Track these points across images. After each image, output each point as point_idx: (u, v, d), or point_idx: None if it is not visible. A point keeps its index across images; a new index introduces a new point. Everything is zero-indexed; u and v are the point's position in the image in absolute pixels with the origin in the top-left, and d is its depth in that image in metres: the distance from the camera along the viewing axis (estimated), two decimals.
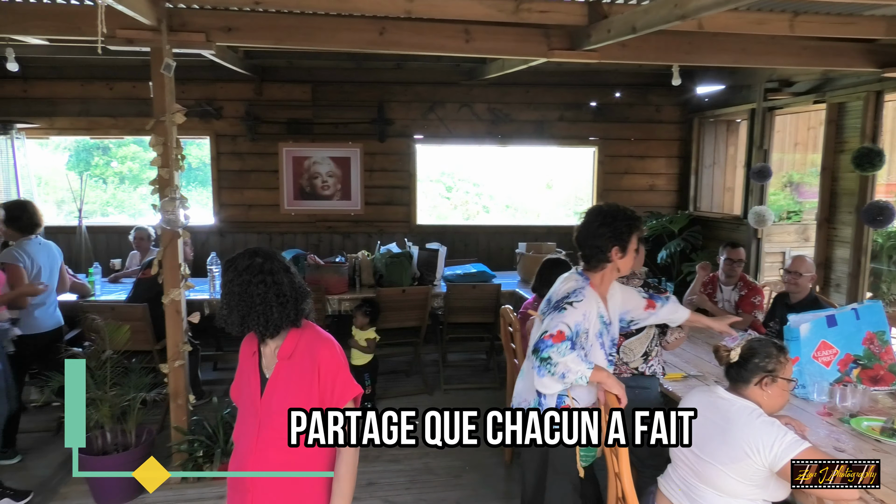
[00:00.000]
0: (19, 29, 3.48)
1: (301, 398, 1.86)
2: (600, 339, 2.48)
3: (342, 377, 1.90)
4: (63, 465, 4.01)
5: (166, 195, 3.60)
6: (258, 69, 6.30)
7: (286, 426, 1.85)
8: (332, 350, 1.92)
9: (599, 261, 2.46)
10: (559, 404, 2.46)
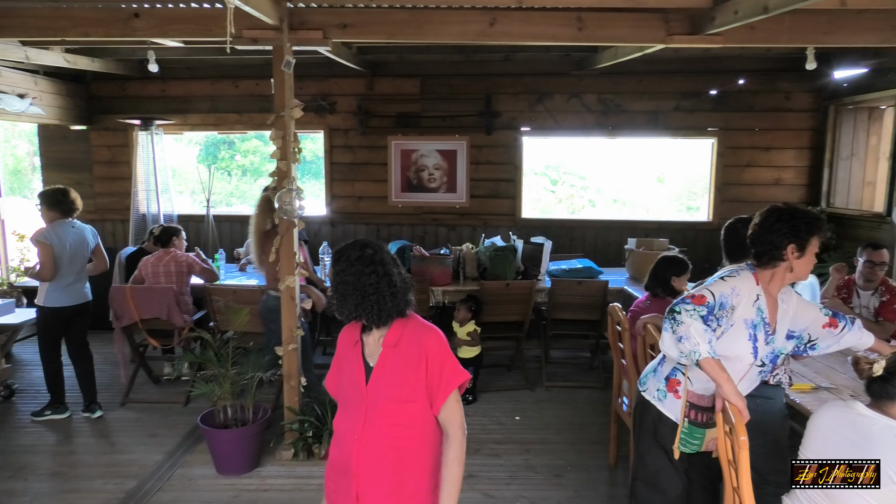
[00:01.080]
0: (160, 32, 3.78)
1: (408, 385, 1.89)
2: (751, 331, 2.31)
3: (450, 364, 1.93)
4: (190, 435, 4.34)
5: (284, 186, 3.77)
6: (370, 64, 6.47)
7: (393, 413, 1.89)
8: (438, 338, 1.95)
9: (772, 258, 2.31)
10: (671, 375, 2.44)
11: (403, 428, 1.89)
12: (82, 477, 3.81)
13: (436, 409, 1.91)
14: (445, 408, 1.92)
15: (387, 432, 1.89)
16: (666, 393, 2.44)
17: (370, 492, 1.90)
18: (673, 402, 2.42)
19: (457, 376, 1.93)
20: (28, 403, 4.93)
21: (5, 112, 5.91)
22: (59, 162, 7.16)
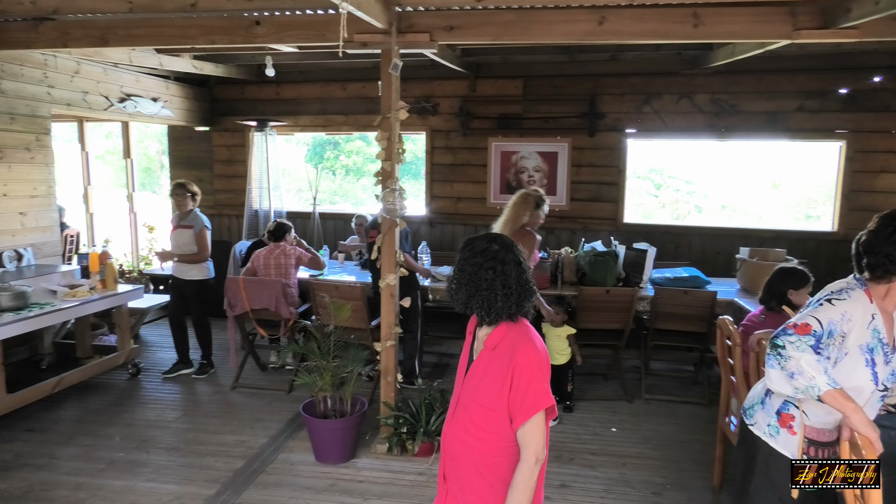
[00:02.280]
0: (277, 38, 3.99)
1: (491, 393, 1.87)
2: (867, 356, 2.09)
3: (536, 386, 1.83)
4: (292, 422, 4.55)
5: (388, 186, 3.86)
6: (473, 66, 6.50)
7: (474, 412, 1.90)
8: (531, 353, 1.86)
9: (887, 272, 2.08)
10: (783, 409, 2.20)
11: (481, 430, 1.89)
12: (196, 453, 4.09)
13: (514, 426, 1.86)
14: (524, 429, 1.84)
15: (468, 427, 1.91)
16: (778, 429, 2.21)
17: (452, 475, 1.98)
18: (787, 438, 2.18)
19: (540, 401, 1.83)
20: (152, 381, 5.36)
21: (141, 114, 6.48)
22: (185, 160, 7.75)
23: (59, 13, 3.89)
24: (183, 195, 5.33)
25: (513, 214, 4.47)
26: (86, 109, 5.92)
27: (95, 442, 4.21)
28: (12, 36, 4.19)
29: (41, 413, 4.63)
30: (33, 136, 5.40)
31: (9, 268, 5.16)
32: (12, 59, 5.11)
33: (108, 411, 4.74)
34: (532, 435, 1.83)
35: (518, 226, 4.43)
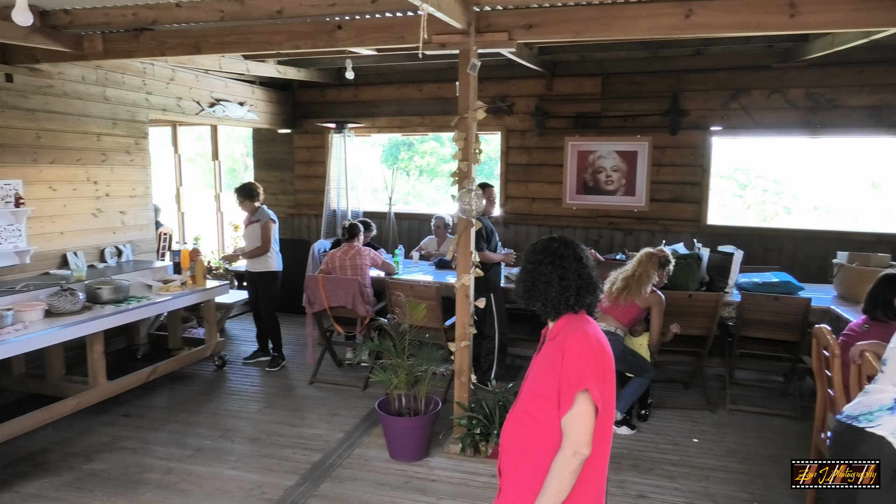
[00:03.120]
0: (358, 42, 4.07)
1: (544, 381, 1.88)
2: None
3: (580, 368, 1.80)
4: (366, 419, 4.63)
5: (464, 186, 3.86)
6: (550, 65, 6.41)
7: (528, 402, 1.91)
8: (579, 337, 1.86)
9: None
10: None
11: (533, 420, 1.88)
12: (276, 444, 4.23)
13: (560, 412, 1.82)
14: (567, 416, 1.80)
15: (521, 419, 1.92)
16: None
17: (505, 468, 1.98)
18: None
19: (581, 381, 1.78)
20: (236, 373, 5.61)
21: (229, 118, 6.79)
22: (268, 162, 8.06)
23: (158, 24, 4.12)
24: (241, 201, 5.57)
25: (640, 272, 4.39)
26: (179, 114, 6.26)
27: (185, 429, 4.44)
28: (116, 46, 4.48)
29: (137, 400, 4.93)
30: (133, 139, 5.77)
31: (110, 263, 5.54)
32: (115, 67, 5.48)
33: (196, 400, 4.99)
34: (572, 423, 1.78)
35: (648, 287, 4.37)
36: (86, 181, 5.35)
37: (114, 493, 3.59)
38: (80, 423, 4.46)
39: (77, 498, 3.52)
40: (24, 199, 4.76)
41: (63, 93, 5.10)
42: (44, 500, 3.49)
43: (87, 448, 4.14)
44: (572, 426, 1.79)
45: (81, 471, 3.85)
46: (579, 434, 1.78)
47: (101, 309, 4.44)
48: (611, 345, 1.96)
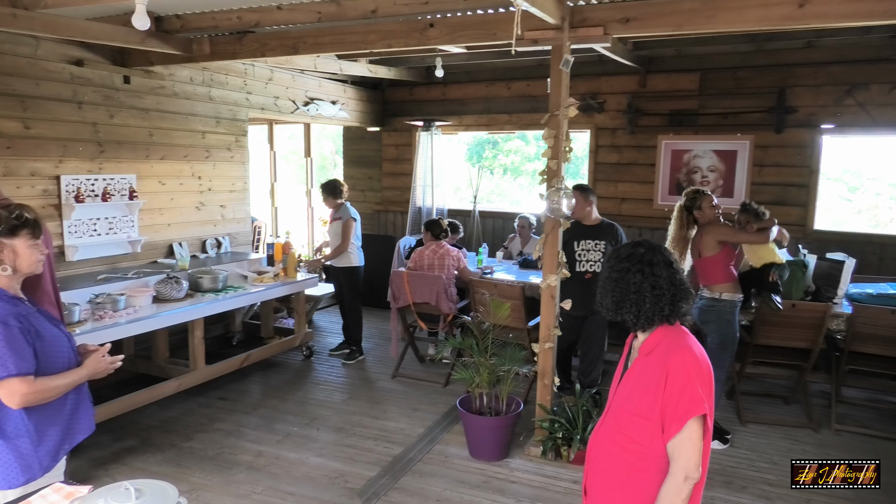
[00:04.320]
0: (450, 40, 4.08)
1: (643, 400, 1.77)
2: None
3: (690, 392, 1.71)
4: (447, 415, 4.65)
5: (553, 185, 3.79)
6: (644, 60, 6.18)
7: (623, 421, 1.82)
8: (687, 357, 1.75)
9: None
10: None
11: (629, 440, 1.79)
12: (358, 435, 4.33)
13: (666, 436, 1.74)
14: (674, 441, 1.72)
15: (614, 437, 1.83)
16: None
17: (594, 488, 1.90)
18: None
19: (693, 407, 1.70)
20: (322, 364, 5.79)
21: (322, 116, 7.02)
22: (357, 159, 8.27)
23: (260, 26, 4.30)
24: (325, 198, 5.74)
25: (673, 233, 4.27)
26: (276, 113, 6.53)
27: (274, 415, 4.63)
28: (222, 48, 4.73)
29: (231, 384, 5.19)
30: (233, 137, 6.08)
31: (210, 254, 5.86)
32: (220, 69, 5.79)
33: (285, 388, 5.19)
34: (683, 447, 1.71)
35: (682, 234, 4.20)
36: (191, 176, 5.69)
37: (210, 472, 3.80)
38: (181, 404, 4.74)
39: (177, 473, 3.74)
40: (136, 193, 5.13)
41: (173, 93, 5.45)
42: (148, 473, 3.73)
43: (186, 427, 4.40)
44: (682, 451, 1.71)
45: (181, 448, 4.10)
46: (690, 458, 1.70)
47: (201, 297, 4.71)
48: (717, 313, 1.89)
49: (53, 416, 2.14)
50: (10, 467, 2.05)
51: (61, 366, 2.13)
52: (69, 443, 2.20)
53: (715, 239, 4.06)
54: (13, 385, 1.97)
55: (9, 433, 2.05)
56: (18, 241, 2.06)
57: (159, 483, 1.75)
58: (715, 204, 4.16)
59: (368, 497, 3.55)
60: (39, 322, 2.12)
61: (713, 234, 4.07)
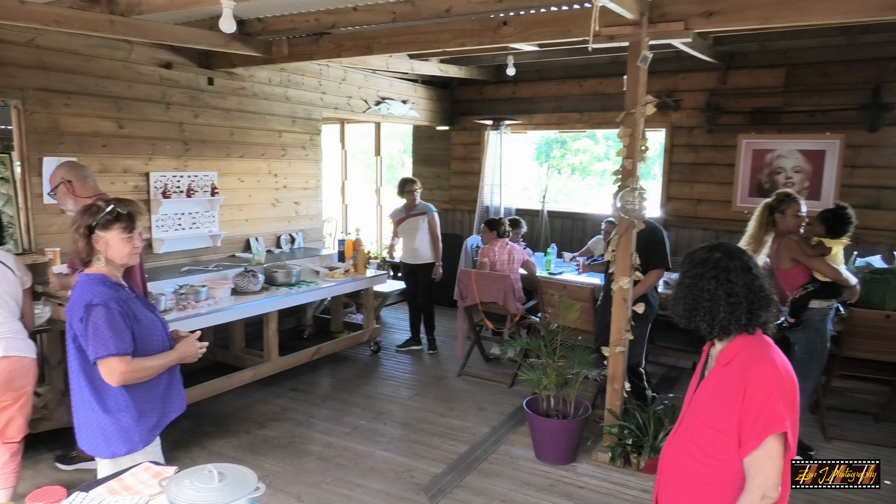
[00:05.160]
0: (523, 37, 4.04)
1: (719, 413, 1.69)
2: None
3: (770, 407, 1.62)
4: (512, 416, 4.62)
5: (627, 185, 3.69)
6: (725, 56, 5.93)
7: (697, 433, 1.75)
8: (768, 370, 1.66)
9: None
10: None
11: (703, 452, 1.72)
12: (424, 431, 4.36)
13: (743, 451, 1.65)
14: (752, 457, 1.64)
15: (688, 449, 1.76)
16: None
17: (665, 500, 1.85)
18: None
19: (773, 424, 1.61)
20: (389, 359, 5.88)
21: (392, 115, 7.12)
22: (426, 158, 8.34)
23: (336, 27, 4.41)
24: (414, 189, 5.89)
25: (752, 231, 4.06)
26: (348, 112, 6.68)
27: (343, 407, 4.74)
28: (299, 49, 4.87)
29: (302, 376, 5.34)
30: (308, 136, 6.25)
31: (284, 249, 6.06)
32: (296, 70, 5.97)
33: (353, 381, 5.30)
34: (761, 465, 1.62)
35: (760, 233, 3.99)
36: (268, 174, 5.90)
37: (282, 459, 3.93)
38: (255, 393, 4.93)
39: (251, 459, 3.89)
40: (218, 189, 5.36)
41: (253, 94, 5.66)
42: (225, 457, 3.90)
43: (260, 415, 4.57)
44: (760, 468, 1.63)
45: (255, 435, 4.25)
46: (769, 476, 1.62)
47: (276, 290, 4.87)
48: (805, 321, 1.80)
49: (149, 393, 2.28)
50: (112, 439, 2.21)
51: (156, 348, 2.28)
52: (164, 419, 2.35)
53: (788, 255, 3.88)
54: (112, 364, 2.12)
55: (111, 408, 2.20)
56: (111, 234, 2.20)
57: (240, 468, 1.82)
58: (800, 214, 3.92)
59: (434, 493, 3.57)
60: (137, 307, 2.26)
61: (786, 250, 3.89)
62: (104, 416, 2.20)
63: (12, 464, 3.05)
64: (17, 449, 3.07)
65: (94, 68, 4.49)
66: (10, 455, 3.03)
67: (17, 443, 3.06)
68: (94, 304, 2.13)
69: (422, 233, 5.85)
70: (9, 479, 3.04)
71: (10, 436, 3.02)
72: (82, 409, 2.24)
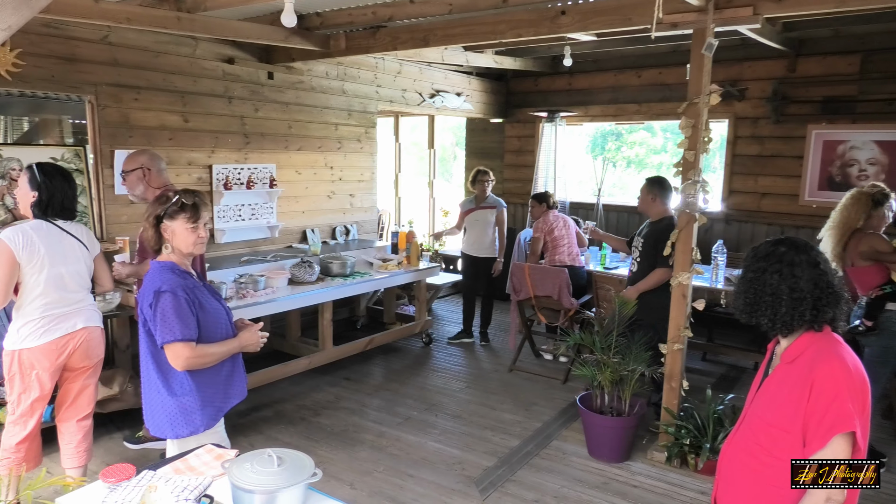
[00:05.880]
0: (581, 27, 3.96)
1: (783, 411, 1.63)
2: None
3: (838, 406, 1.55)
4: (565, 412, 4.56)
5: (689, 178, 3.58)
6: (794, 42, 5.66)
7: (760, 432, 1.69)
8: (836, 367, 1.59)
9: None
10: None
11: (766, 453, 1.66)
12: (476, 425, 4.36)
13: (807, 451, 1.59)
14: (817, 456, 1.58)
15: (750, 449, 1.70)
16: None
17: (724, 501, 1.80)
18: None
19: (840, 423, 1.54)
20: (441, 351, 5.90)
21: (446, 108, 7.12)
22: (479, 151, 8.31)
23: (393, 20, 4.42)
24: (487, 180, 5.88)
25: (842, 218, 3.82)
26: (403, 105, 6.71)
27: (395, 398, 4.79)
28: (356, 43, 4.92)
29: (356, 366, 5.43)
30: (363, 129, 6.32)
31: (339, 240, 6.16)
32: (353, 63, 6.04)
33: (405, 372, 5.35)
34: None
35: (848, 230, 3.77)
36: (324, 166, 6.00)
37: (335, 447, 4.00)
38: (310, 381, 5.04)
39: (307, 446, 3.98)
40: (276, 181, 5.48)
41: (310, 87, 5.76)
42: (281, 442, 4.00)
43: (315, 403, 4.67)
44: None
45: (310, 423, 4.35)
46: None
47: (331, 281, 4.96)
48: None
49: (212, 379, 2.37)
50: (176, 421, 2.31)
51: (220, 336, 2.36)
52: (226, 404, 2.43)
53: (870, 253, 3.68)
54: (177, 349, 2.21)
55: (176, 391, 2.30)
56: (177, 224, 2.29)
57: (298, 453, 1.86)
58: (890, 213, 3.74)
59: (485, 486, 3.57)
60: (203, 295, 2.35)
61: (868, 247, 3.68)
62: (169, 399, 2.29)
63: (84, 443, 3.21)
64: (89, 428, 3.24)
65: (161, 64, 4.66)
66: (83, 435, 3.20)
67: (89, 422, 3.23)
68: (163, 291, 2.22)
69: (488, 226, 5.85)
70: (81, 458, 3.21)
71: (83, 407, 3.17)
72: (150, 390, 2.35)
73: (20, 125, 4.68)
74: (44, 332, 2.91)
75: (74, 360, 3.05)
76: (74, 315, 3.00)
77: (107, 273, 3.25)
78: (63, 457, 3.22)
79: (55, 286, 2.91)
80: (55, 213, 2.97)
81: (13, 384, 2.96)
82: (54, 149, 4.28)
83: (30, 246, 2.83)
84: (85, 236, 3.10)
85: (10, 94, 4.12)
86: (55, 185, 2.94)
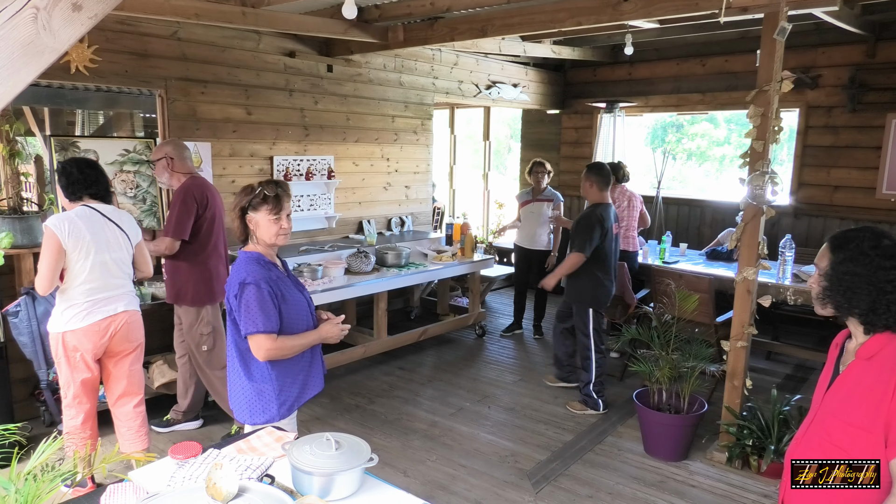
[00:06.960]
0: (645, 13, 3.84)
1: (860, 408, 1.55)
2: None
3: None
4: (621, 408, 4.48)
5: (756, 169, 3.43)
6: (874, 26, 5.34)
7: (834, 431, 1.60)
8: None
9: None
10: None
11: (841, 451, 1.57)
12: (529, 418, 4.34)
13: (889, 452, 1.50)
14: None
15: (823, 448, 1.61)
16: None
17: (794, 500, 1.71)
18: None
19: None
20: (494, 344, 5.89)
21: (503, 99, 7.07)
22: (534, 142, 8.22)
23: (451, 10, 4.41)
24: (544, 172, 5.83)
25: None
26: (459, 97, 6.70)
27: (447, 388, 4.81)
28: (414, 35, 4.94)
29: (409, 355, 5.48)
30: (419, 121, 6.35)
31: (394, 231, 6.22)
32: (410, 55, 6.06)
33: (458, 364, 5.36)
34: None
35: None
36: (380, 158, 6.06)
37: (389, 434, 4.06)
38: (365, 369, 5.12)
39: (362, 432, 4.05)
40: (334, 173, 5.58)
41: (368, 80, 5.83)
42: (337, 427, 4.09)
43: (369, 391, 4.74)
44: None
45: (365, 410, 4.43)
46: None
47: (386, 272, 5.02)
48: None
49: (291, 369, 2.42)
50: (253, 406, 2.38)
51: (301, 327, 2.41)
52: (303, 396, 2.48)
53: None
54: (259, 340, 2.28)
55: (255, 377, 2.37)
56: (260, 215, 2.34)
57: (356, 438, 1.89)
58: None
59: (538, 480, 3.55)
60: (287, 287, 2.39)
61: None
62: (248, 384, 2.36)
63: (144, 427, 3.35)
64: (144, 413, 3.36)
65: (226, 58, 4.81)
66: (141, 420, 3.34)
67: (143, 407, 3.33)
68: (248, 283, 2.27)
69: (544, 219, 5.79)
70: (143, 441, 3.35)
71: (134, 392, 3.28)
72: (233, 376, 2.42)
73: (96, 118, 4.92)
74: (87, 314, 3.00)
75: (115, 343, 3.12)
76: (116, 299, 3.09)
77: (147, 260, 3.33)
78: (123, 441, 3.31)
79: (100, 272, 3.00)
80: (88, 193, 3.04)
81: (61, 367, 3.07)
82: (127, 141, 4.48)
83: (76, 233, 2.91)
84: (126, 224, 3.16)
85: (87, 89, 4.34)
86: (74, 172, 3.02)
